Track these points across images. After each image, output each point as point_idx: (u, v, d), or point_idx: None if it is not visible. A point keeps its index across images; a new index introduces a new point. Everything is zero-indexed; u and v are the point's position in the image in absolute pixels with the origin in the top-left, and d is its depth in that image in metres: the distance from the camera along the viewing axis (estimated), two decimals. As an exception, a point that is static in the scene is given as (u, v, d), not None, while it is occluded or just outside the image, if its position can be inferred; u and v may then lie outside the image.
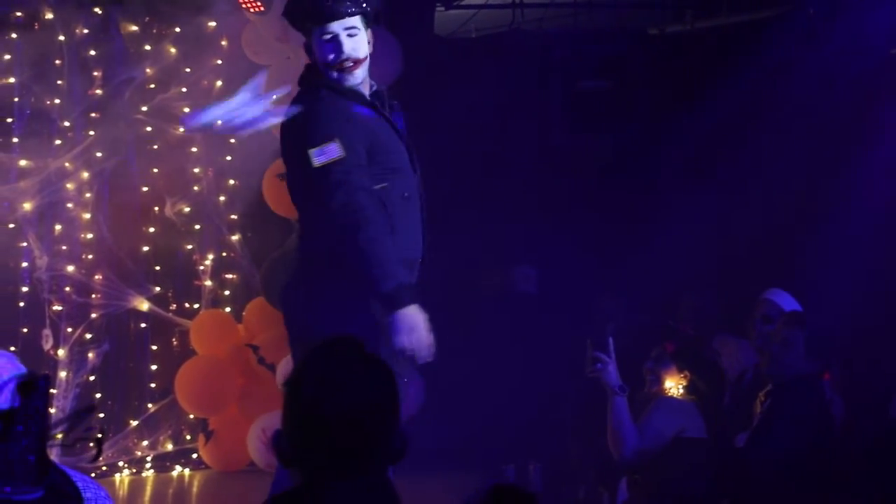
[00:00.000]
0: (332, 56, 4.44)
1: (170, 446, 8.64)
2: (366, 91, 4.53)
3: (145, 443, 8.54)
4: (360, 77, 4.47)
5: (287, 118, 4.54)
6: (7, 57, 8.21)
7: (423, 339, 4.27)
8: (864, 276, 7.33)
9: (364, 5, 4.45)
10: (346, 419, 2.56)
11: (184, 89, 8.60)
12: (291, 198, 4.65)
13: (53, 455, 2.62)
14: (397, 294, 4.24)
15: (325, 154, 4.30)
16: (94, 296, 8.36)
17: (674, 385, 5.57)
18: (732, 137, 8.60)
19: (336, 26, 4.42)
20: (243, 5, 7.90)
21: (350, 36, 4.42)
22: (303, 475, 2.61)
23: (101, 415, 8.45)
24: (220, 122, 7.80)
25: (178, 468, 8.58)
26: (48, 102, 8.29)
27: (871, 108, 7.79)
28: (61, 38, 8.25)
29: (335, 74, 4.45)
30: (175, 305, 8.79)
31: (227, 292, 8.88)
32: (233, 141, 8.63)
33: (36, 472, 2.45)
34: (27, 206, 8.15)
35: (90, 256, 8.41)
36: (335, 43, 4.42)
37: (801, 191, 7.91)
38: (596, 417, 5.73)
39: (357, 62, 4.43)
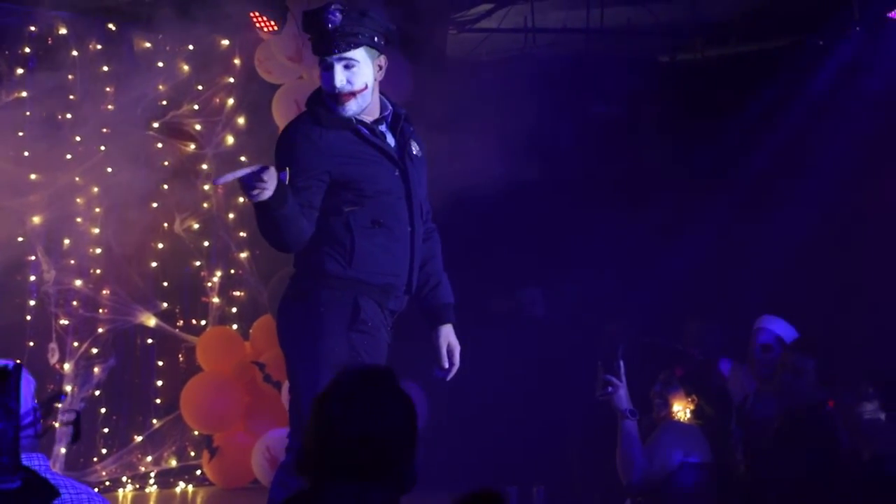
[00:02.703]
0: (326, 86, 4.43)
1: (174, 462, 8.65)
2: (368, 117, 4.49)
3: (149, 458, 8.55)
4: (354, 107, 4.41)
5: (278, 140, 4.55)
6: (20, 71, 8.24)
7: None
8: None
9: (366, 37, 4.40)
10: (361, 439, 2.74)
11: (196, 106, 8.66)
12: None
13: (57, 467, 2.63)
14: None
15: None
16: (101, 311, 8.38)
17: (681, 409, 5.56)
18: (740, 164, 8.63)
19: (332, 58, 4.39)
20: (257, 25, 7.95)
21: (346, 68, 4.38)
22: (311, 481, 2.78)
23: (106, 430, 8.46)
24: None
25: (182, 484, 8.59)
26: (60, 117, 8.33)
27: (885, 136, 7.83)
28: (74, 53, 8.29)
29: (330, 102, 4.43)
30: (182, 322, 8.82)
31: (234, 309, 8.91)
32: (243, 159, 8.67)
33: (13, 462, 2.47)
34: (36, 219, 8.17)
35: (98, 271, 8.44)
36: (329, 74, 4.39)
37: (810, 215, 7.93)
38: (602, 441, 5.71)
39: (352, 94, 4.39)
